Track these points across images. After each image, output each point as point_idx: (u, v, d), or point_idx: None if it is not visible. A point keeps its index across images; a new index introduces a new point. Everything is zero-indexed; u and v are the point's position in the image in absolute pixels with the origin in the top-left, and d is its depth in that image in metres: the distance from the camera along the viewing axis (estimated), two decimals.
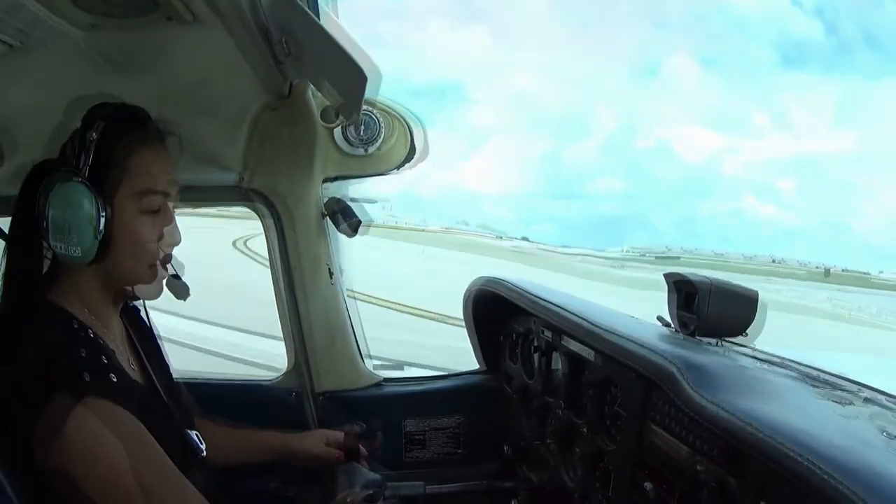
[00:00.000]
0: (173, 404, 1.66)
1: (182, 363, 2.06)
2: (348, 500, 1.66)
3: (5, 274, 1.47)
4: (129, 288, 1.54)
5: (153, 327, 1.84)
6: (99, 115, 1.45)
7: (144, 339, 1.73)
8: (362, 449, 2.01)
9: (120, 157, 1.45)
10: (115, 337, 1.55)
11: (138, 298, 1.63)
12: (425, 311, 14.75)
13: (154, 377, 1.63)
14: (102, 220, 1.40)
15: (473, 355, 2.72)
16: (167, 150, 1.57)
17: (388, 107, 2.38)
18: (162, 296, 1.62)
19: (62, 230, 1.39)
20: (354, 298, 2.58)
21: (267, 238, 2.36)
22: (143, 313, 1.81)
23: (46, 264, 1.51)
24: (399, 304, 15.16)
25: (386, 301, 14.47)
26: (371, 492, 1.72)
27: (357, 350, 2.52)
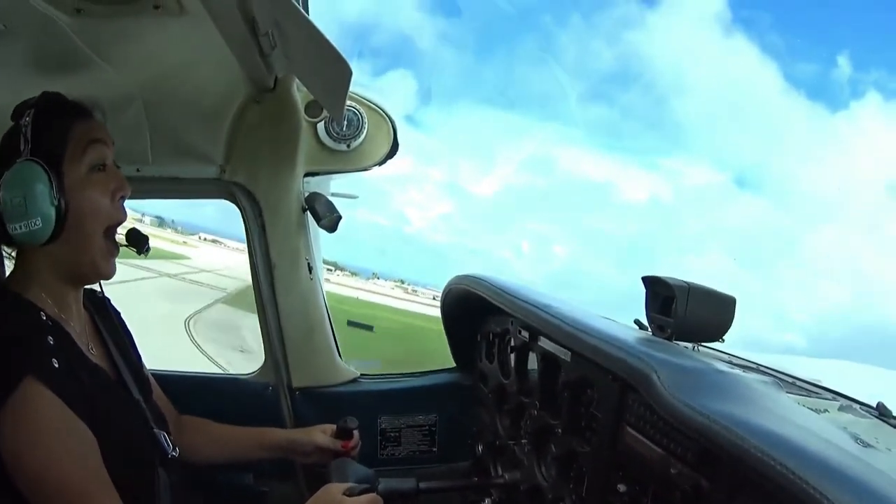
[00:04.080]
0: (144, 401, 1.67)
1: None
2: (344, 492, 1.67)
3: None
4: (86, 264, 1.54)
5: (123, 320, 1.86)
6: (26, 105, 1.50)
7: (114, 332, 1.75)
8: (354, 442, 2.02)
9: (57, 131, 1.49)
10: (74, 321, 1.56)
11: (94, 280, 1.64)
12: None
13: (121, 368, 1.65)
14: (55, 186, 1.42)
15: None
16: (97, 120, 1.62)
17: (370, 102, 2.37)
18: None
19: (19, 209, 1.41)
20: None
21: (247, 232, 2.34)
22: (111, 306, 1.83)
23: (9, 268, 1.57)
24: None
25: None
26: (366, 485, 1.73)
27: (334, 346, 2.52)
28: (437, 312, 2.58)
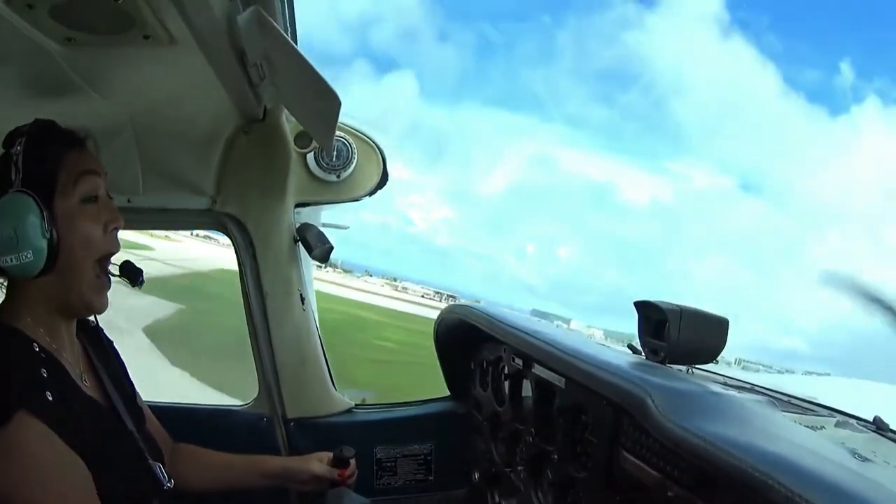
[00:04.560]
0: (137, 432, 1.64)
1: None
2: None
3: None
4: (77, 298, 1.52)
5: (116, 350, 1.82)
6: (18, 133, 1.47)
7: (107, 362, 1.72)
8: (351, 470, 2.00)
9: (49, 161, 1.47)
10: (66, 352, 1.53)
11: (86, 314, 1.62)
12: None
13: (114, 399, 1.62)
14: (46, 219, 1.40)
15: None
16: (90, 150, 1.60)
17: (359, 132, 2.39)
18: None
19: (10, 242, 1.39)
20: None
21: (239, 263, 2.34)
22: (104, 335, 1.80)
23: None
24: None
25: None
26: None
27: (328, 376, 2.50)
28: (408, 308, 2.58)
